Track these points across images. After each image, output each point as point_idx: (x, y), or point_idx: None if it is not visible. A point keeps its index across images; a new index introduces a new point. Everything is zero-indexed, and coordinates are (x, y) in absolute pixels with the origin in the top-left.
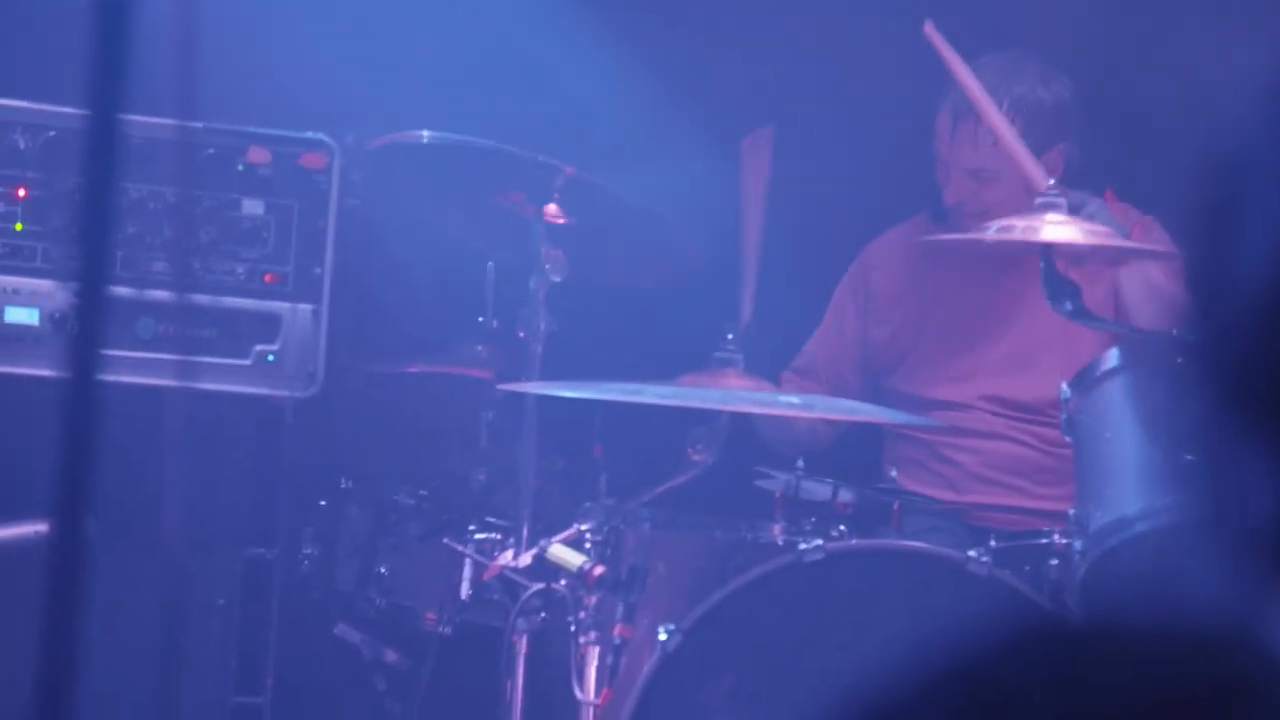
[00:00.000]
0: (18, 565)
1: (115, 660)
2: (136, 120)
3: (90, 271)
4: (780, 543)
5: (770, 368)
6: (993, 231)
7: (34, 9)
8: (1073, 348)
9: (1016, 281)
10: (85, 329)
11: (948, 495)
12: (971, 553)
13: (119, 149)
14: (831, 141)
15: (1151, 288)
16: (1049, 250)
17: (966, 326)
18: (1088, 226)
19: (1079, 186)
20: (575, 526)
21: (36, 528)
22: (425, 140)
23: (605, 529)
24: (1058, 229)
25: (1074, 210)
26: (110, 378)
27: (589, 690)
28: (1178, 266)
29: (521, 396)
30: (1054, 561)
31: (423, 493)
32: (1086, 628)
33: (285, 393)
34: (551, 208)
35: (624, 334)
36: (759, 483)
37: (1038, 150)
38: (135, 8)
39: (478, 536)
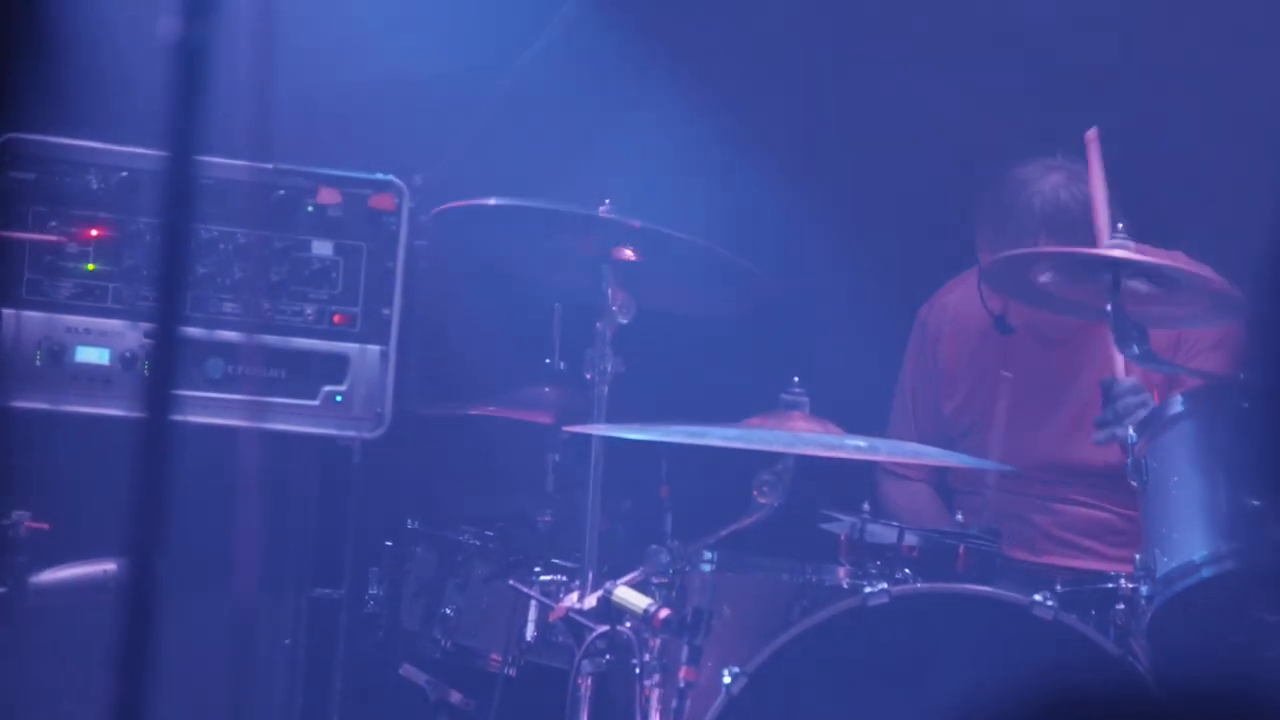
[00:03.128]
0: (87, 603)
1: (183, 698)
2: (210, 161)
3: (164, 312)
4: (845, 586)
5: None
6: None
7: (106, 53)
8: None
9: (1075, 346)
10: (158, 369)
11: (1023, 555)
12: (1037, 597)
13: (194, 190)
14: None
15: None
16: (1117, 295)
17: (1030, 394)
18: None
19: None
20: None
21: (105, 566)
22: (493, 205)
23: (670, 571)
24: (1124, 250)
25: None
26: (180, 418)
27: None
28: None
29: (587, 438)
30: (1120, 606)
31: (489, 534)
32: (1151, 673)
33: (353, 433)
34: (624, 251)
35: (691, 375)
36: (824, 525)
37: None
38: (210, 53)
39: (543, 578)
